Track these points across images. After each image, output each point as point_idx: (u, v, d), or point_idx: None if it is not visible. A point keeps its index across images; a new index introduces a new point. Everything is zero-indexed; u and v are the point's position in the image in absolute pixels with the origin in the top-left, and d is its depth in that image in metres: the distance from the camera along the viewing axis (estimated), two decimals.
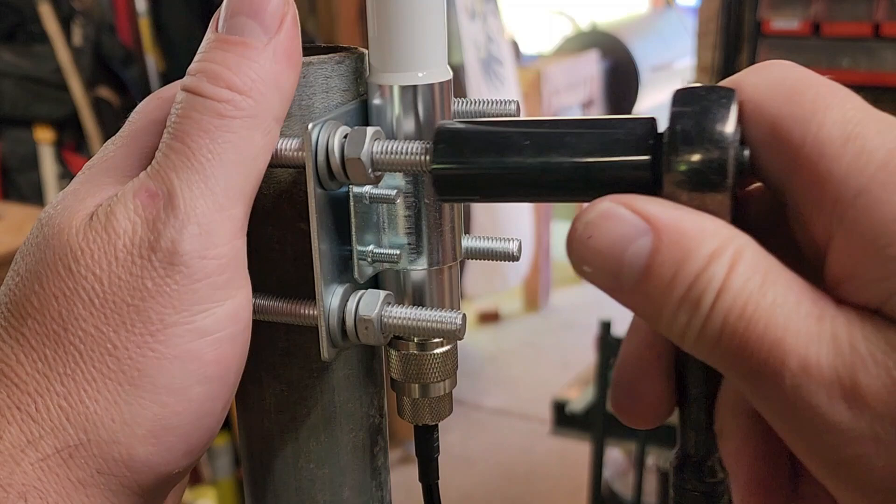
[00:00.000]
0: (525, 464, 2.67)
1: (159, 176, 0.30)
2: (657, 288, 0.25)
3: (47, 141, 2.73)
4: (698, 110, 0.26)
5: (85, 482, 0.29)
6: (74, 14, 2.66)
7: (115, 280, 0.30)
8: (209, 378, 0.30)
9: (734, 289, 0.24)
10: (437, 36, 0.34)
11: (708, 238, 0.25)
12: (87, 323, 0.30)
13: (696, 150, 0.26)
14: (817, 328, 0.24)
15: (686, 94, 0.27)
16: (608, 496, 2.09)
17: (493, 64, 2.75)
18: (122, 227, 0.30)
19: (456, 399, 0.39)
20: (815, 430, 0.24)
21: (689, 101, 0.26)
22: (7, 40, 2.70)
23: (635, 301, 0.26)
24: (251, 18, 0.31)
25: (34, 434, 0.29)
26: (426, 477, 0.40)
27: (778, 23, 1.78)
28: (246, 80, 0.31)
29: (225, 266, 0.30)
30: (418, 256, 0.35)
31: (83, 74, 2.64)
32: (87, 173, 0.33)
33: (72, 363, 0.29)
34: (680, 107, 0.26)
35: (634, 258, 0.26)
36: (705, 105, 0.26)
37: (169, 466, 0.30)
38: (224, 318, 0.30)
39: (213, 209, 0.30)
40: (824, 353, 0.24)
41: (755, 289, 0.24)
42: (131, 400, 0.29)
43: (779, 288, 0.25)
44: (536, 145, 0.29)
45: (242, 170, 0.31)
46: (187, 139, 0.30)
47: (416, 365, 0.37)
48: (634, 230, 0.26)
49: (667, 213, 0.26)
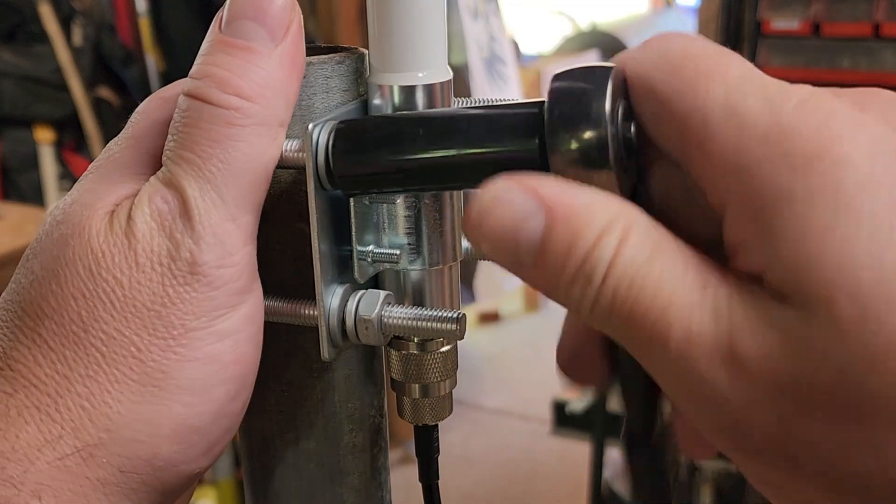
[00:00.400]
0: (525, 464, 2.67)
1: (171, 185, 0.30)
2: (553, 264, 0.26)
3: (47, 141, 2.73)
4: (576, 91, 0.27)
5: (105, 481, 0.30)
6: (74, 14, 2.66)
7: (135, 285, 0.30)
8: (230, 378, 0.31)
9: (622, 263, 0.25)
10: (437, 36, 0.34)
11: (598, 214, 0.26)
12: (109, 325, 0.30)
13: (576, 131, 0.27)
14: (700, 297, 0.25)
15: (564, 75, 0.27)
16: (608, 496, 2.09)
17: (497, 63, 2.75)
18: (142, 233, 0.30)
19: (456, 399, 0.39)
20: (700, 397, 0.25)
21: (567, 83, 0.27)
22: (7, 40, 2.70)
23: (535, 277, 0.27)
24: (257, 22, 0.31)
25: (53, 434, 0.29)
26: (426, 477, 0.40)
27: (778, 23, 1.78)
28: (254, 86, 0.31)
29: (240, 272, 0.31)
30: (418, 256, 0.35)
31: (83, 74, 2.64)
32: (96, 173, 0.33)
33: (94, 365, 0.30)
34: (558, 89, 0.27)
35: (530, 237, 0.26)
36: (582, 86, 0.27)
37: (191, 465, 0.31)
38: (241, 320, 0.31)
39: (226, 218, 0.30)
40: (706, 321, 0.25)
41: (643, 261, 0.25)
42: (155, 400, 0.30)
43: (666, 260, 0.25)
44: (429, 136, 0.30)
45: (252, 177, 0.31)
46: (197, 149, 0.30)
47: (416, 365, 0.37)
48: (527, 210, 0.26)
49: (558, 191, 0.26)
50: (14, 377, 0.30)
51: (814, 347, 0.23)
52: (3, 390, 0.30)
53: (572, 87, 0.27)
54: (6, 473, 0.28)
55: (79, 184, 0.33)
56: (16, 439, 0.29)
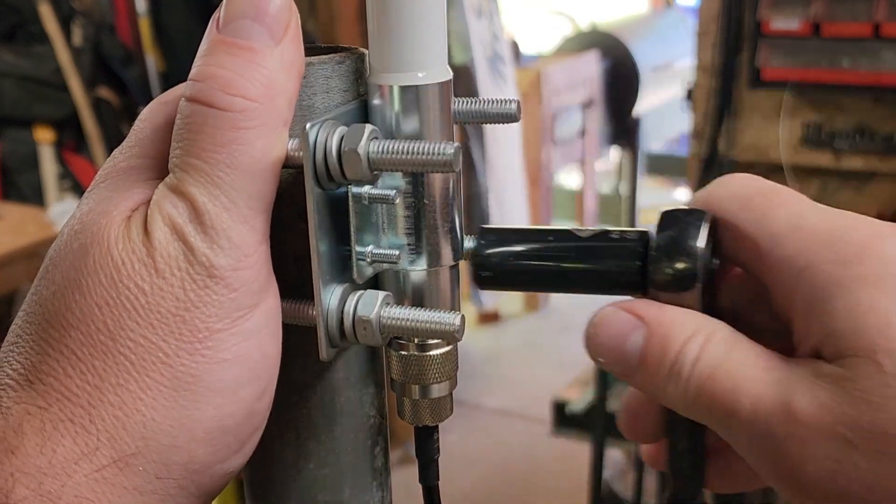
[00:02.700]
0: (525, 464, 2.67)
1: (180, 192, 0.30)
2: (652, 367, 0.33)
3: (47, 141, 2.73)
4: (677, 230, 0.34)
5: (142, 489, 0.30)
6: (74, 14, 2.66)
7: (157, 291, 0.30)
8: (257, 376, 0.32)
9: (704, 360, 0.32)
10: (438, 36, 0.34)
11: (685, 325, 0.33)
12: (136, 333, 0.30)
13: (674, 262, 0.34)
14: (766, 376, 0.31)
15: (669, 215, 0.35)
16: (608, 496, 2.09)
17: (498, 62, 2.75)
18: (158, 240, 0.30)
19: (456, 399, 0.39)
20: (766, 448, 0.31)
21: (671, 222, 0.35)
22: (7, 40, 2.70)
23: (641, 380, 0.34)
24: (256, 22, 0.31)
25: (89, 446, 0.29)
26: (426, 478, 0.40)
27: (778, 23, 1.78)
28: (258, 86, 0.31)
29: (257, 273, 0.31)
30: (418, 257, 0.35)
31: (83, 74, 2.64)
32: (107, 181, 0.33)
33: (124, 373, 0.30)
34: (663, 226, 0.35)
35: (633, 347, 0.34)
36: (682, 226, 0.34)
37: (224, 466, 0.32)
38: (262, 318, 0.32)
39: (238, 221, 0.31)
40: (770, 393, 0.31)
41: (722, 357, 0.32)
42: (188, 405, 0.30)
43: (740, 354, 0.32)
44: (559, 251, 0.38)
45: (261, 178, 0.31)
46: (203, 155, 0.30)
47: (416, 366, 0.37)
48: (630, 326, 0.34)
49: (653, 310, 0.34)
50: (46, 391, 0.30)
51: (859, 392, 0.29)
52: (37, 405, 0.30)
53: (674, 225, 0.35)
54: (44, 489, 0.28)
55: (90, 193, 0.33)
56: (52, 454, 0.29)
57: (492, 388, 3.09)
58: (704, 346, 0.32)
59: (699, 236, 0.34)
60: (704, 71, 1.89)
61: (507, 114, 0.36)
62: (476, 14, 2.63)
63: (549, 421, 2.14)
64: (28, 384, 0.30)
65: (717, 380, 0.32)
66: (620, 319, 0.34)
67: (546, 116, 3.26)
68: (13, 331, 0.32)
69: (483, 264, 0.38)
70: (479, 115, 0.36)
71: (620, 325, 0.34)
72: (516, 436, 2.82)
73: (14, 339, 0.31)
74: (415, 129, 0.34)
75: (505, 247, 0.38)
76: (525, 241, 0.38)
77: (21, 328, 0.31)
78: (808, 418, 0.30)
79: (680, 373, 0.32)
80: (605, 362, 0.35)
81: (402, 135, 0.34)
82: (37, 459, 0.29)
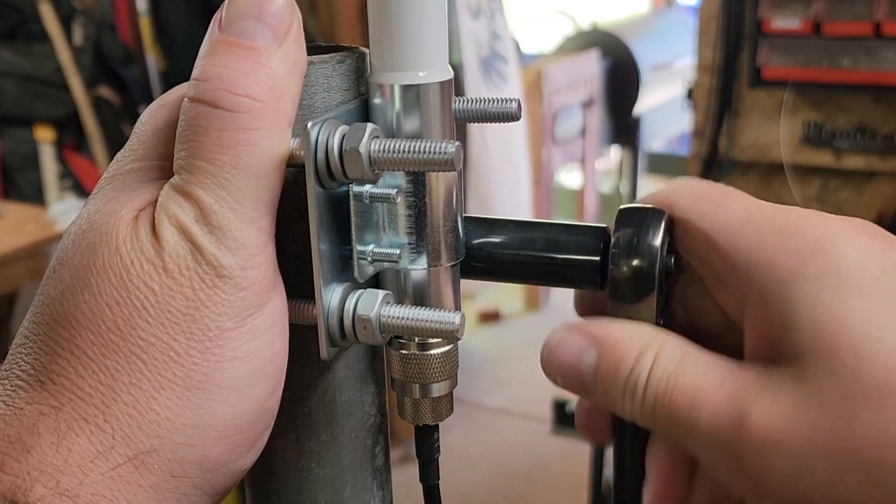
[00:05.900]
0: (525, 463, 2.67)
1: (187, 194, 0.30)
2: (608, 384, 0.34)
3: (48, 140, 2.73)
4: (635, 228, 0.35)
5: (157, 487, 0.30)
6: (75, 13, 2.66)
7: (166, 290, 0.30)
8: (268, 374, 0.32)
9: (657, 373, 0.33)
10: (438, 35, 0.34)
11: (636, 341, 0.33)
12: (146, 332, 0.30)
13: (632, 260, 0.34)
14: (719, 390, 0.32)
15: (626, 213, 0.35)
16: (608, 496, 2.09)
17: (497, 62, 2.74)
18: (166, 240, 0.30)
19: (456, 399, 0.39)
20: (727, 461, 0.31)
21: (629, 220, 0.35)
22: (7, 40, 2.70)
23: (600, 399, 0.34)
24: (259, 22, 0.31)
25: (105, 444, 0.29)
26: (427, 477, 0.40)
27: (778, 22, 1.78)
28: (263, 86, 0.31)
29: (264, 272, 0.31)
30: (418, 256, 0.35)
31: (83, 74, 2.64)
32: (113, 183, 0.33)
33: (136, 373, 0.30)
34: (621, 224, 0.35)
35: (587, 368, 0.34)
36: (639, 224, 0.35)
37: (237, 463, 0.32)
38: (271, 316, 0.32)
39: (245, 222, 0.31)
40: (725, 405, 0.31)
41: (673, 369, 0.32)
42: (201, 403, 0.30)
43: (690, 365, 0.32)
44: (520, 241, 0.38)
45: (266, 179, 0.31)
46: (209, 157, 0.30)
47: (416, 365, 0.37)
48: (582, 346, 0.34)
49: (604, 328, 0.34)
50: (58, 391, 0.30)
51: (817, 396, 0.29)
52: (50, 405, 0.30)
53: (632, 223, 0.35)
54: (61, 487, 0.28)
55: (95, 195, 0.33)
56: (68, 453, 0.29)
57: (492, 388, 3.09)
58: (656, 360, 0.33)
59: (657, 234, 0.34)
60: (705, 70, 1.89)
61: (508, 113, 0.36)
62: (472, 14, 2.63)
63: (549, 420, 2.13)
64: (39, 384, 0.30)
65: (672, 396, 0.32)
66: (573, 340, 0.34)
67: (546, 116, 3.26)
68: (21, 332, 0.32)
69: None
70: (479, 115, 0.36)
71: (573, 347, 0.34)
72: (517, 435, 2.82)
73: (22, 341, 0.31)
74: (416, 129, 0.34)
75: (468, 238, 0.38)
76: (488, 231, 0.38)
77: (29, 329, 0.31)
78: (763, 431, 0.30)
79: (635, 389, 0.33)
80: (562, 383, 0.35)
81: (403, 134, 0.34)
82: (53, 458, 0.29)
